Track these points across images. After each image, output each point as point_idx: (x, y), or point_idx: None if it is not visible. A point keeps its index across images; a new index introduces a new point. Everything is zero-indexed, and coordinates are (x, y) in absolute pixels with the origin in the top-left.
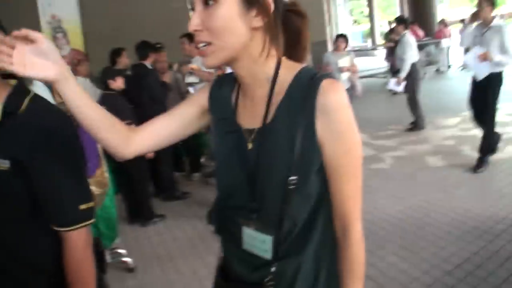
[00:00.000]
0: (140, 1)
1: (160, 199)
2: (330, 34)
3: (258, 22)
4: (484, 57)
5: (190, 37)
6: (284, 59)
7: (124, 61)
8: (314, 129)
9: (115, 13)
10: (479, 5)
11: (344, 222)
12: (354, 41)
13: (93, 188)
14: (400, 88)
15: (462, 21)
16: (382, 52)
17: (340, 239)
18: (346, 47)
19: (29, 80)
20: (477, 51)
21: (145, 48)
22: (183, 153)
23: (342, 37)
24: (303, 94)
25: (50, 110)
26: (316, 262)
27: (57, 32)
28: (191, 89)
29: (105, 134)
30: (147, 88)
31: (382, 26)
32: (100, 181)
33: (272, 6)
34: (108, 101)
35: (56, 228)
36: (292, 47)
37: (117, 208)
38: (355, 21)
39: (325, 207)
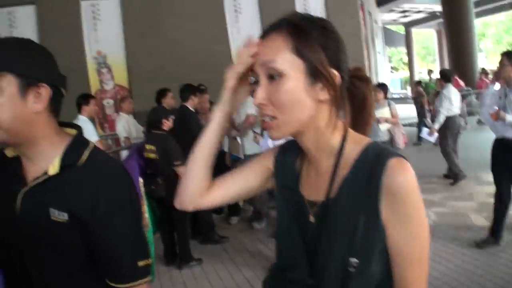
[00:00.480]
0: (183, 42)
1: (197, 241)
2: None
3: (324, 95)
4: (496, 116)
5: None
6: (350, 131)
7: (169, 101)
8: (379, 210)
9: (159, 52)
10: (501, 63)
11: None
12: (393, 88)
13: None
14: (433, 139)
15: None
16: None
17: None
18: (385, 96)
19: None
20: (490, 109)
21: (188, 90)
22: None
23: (379, 86)
24: (369, 172)
25: (110, 164)
26: None
27: (102, 68)
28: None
29: (199, 174)
30: (188, 130)
31: (421, 73)
32: None
33: (338, 78)
34: (160, 141)
35: (112, 284)
36: (358, 112)
37: (154, 248)
38: (393, 68)
39: None
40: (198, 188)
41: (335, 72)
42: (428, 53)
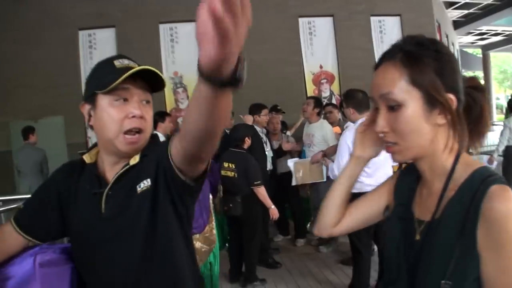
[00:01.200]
0: (256, 63)
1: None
2: None
3: (441, 120)
4: None
5: (316, 101)
6: (463, 154)
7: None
8: (476, 236)
9: None
10: None
11: None
12: None
13: (200, 244)
14: (493, 167)
15: None
16: (498, 127)
17: None
18: None
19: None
20: None
21: (253, 110)
22: (289, 216)
23: None
24: (472, 196)
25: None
26: None
27: (178, 87)
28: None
29: (334, 210)
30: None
31: (499, 99)
32: (207, 237)
33: (455, 102)
34: (240, 159)
35: None
36: (474, 123)
37: (220, 265)
38: None
39: None
40: (333, 221)
41: (451, 96)
42: (506, 78)
